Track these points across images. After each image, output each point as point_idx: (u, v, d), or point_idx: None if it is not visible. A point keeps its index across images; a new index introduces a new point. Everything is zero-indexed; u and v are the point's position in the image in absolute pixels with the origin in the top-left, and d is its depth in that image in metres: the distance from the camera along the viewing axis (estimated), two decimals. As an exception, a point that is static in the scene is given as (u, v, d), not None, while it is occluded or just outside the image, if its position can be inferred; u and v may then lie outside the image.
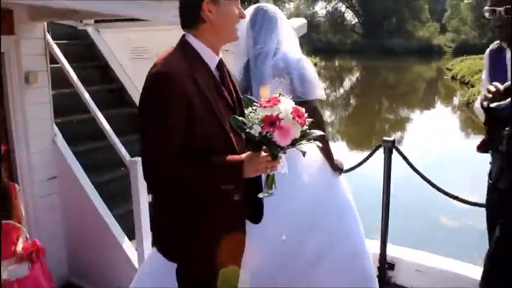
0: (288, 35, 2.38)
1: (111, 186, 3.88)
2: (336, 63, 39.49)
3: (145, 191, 3.06)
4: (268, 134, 1.54)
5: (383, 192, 3.40)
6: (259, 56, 2.29)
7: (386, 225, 3.40)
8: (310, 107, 2.28)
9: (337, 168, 2.43)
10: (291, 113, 1.54)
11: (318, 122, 2.31)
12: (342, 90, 25.50)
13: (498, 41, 2.36)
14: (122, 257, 3.33)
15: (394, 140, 3.33)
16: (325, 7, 51.72)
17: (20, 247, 2.64)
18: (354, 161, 3.60)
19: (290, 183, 2.24)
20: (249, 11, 2.35)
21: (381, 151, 3.37)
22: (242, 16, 1.77)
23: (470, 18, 43.84)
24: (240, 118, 1.60)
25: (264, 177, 1.77)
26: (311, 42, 40.21)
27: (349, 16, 51.56)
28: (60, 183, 3.58)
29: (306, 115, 1.60)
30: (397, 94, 24.19)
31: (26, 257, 2.63)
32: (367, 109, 20.22)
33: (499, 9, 2.18)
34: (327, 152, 2.39)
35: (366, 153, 3.70)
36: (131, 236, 3.32)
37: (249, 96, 1.68)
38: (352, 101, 23.30)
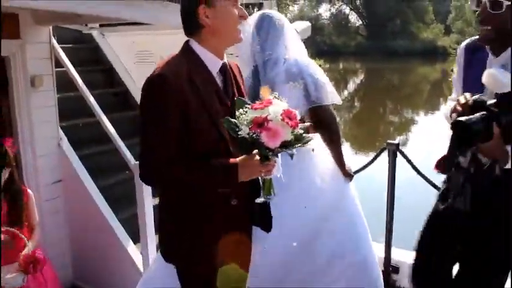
0: (294, 40, 2.38)
1: (116, 190, 3.90)
2: (340, 65, 39.43)
3: (150, 194, 3.08)
4: (255, 135, 1.53)
5: (387, 195, 3.40)
6: (268, 62, 2.28)
7: (391, 228, 3.39)
8: (325, 112, 2.29)
9: (348, 175, 2.43)
10: (281, 114, 1.53)
11: (332, 128, 2.33)
12: (346, 93, 25.44)
13: (476, 37, 2.04)
14: (127, 260, 3.33)
15: (398, 143, 3.32)
16: (329, 9, 51.74)
17: (21, 256, 2.62)
18: (358, 163, 3.59)
19: (303, 189, 2.25)
20: (254, 18, 2.35)
21: (385, 154, 3.37)
22: (243, 17, 1.74)
23: (475, 19, 43.67)
24: (233, 120, 1.59)
25: (261, 182, 1.76)
26: (315, 45, 40.17)
27: (353, 18, 51.57)
28: (65, 186, 3.60)
29: (298, 118, 1.58)
30: (402, 96, 24.14)
31: (22, 268, 2.60)
32: (372, 111, 20.18)
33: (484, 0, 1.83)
34: (339, 159, 2.39)
35: (370, 155, 3.70)
36: (136, 239, 3.33)
37: (241, 98, 1.67)
38: (356, 103, 23.25)
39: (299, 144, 1.59)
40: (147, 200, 3.07)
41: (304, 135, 1.60)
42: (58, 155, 3.56)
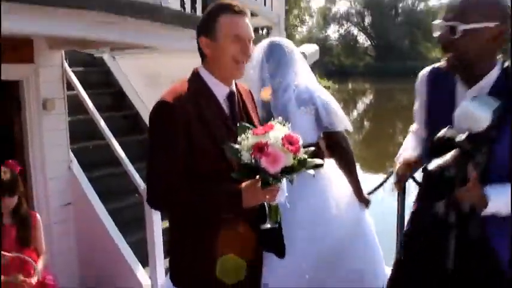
0: (303, 66, 2.40)
1: (125, 213, 3.90)
2: (349, 86, 39.53)
3: (159, 218, 3.07)
4: (255, 161, 1.52)
5: (397, 219, 3.35)
6: (279, 89, 2.30)
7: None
8: (338, 137, 2.29)
9: (365, 201, 2.41)
10: (282, 139, 1.52)
11: (348, 156, 2.33)
12: (355, 113, 25.45)
13: (439, 63, 1.78)
14: (136, 284, 3.32)
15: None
16: (338, 30, 52.16)
17: (33, 280, 2.61)
18: (368, 185, 3.56)
19: (320, 217, 2.23)
20: (263, 45, 2.37)
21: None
22: (246, 54, 1.71)
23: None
24: (235, 146, 1.59)
25: (267, 208, 1.74)
26: (324, 65, 40.35)
27: (362, 39, 51.87)
28: (75, 209, 3.61)
29: (300, 143, 1.55)
30: (411, 116, 24.01)
31: None
32: (381, 132, 20.12)
33: (441, 24, 1.60)
34: (356, 186, 2.38)
35: (380, 176, 3.67)
36: (145, 263, 3.32)
37: (244, 124, 1.66)
38: (365, 123, 23.23)
39: (302, 170, 1.57)
40: (157, 223, 3.08)
41: (308, 160, 1.58)
42: (68, 178, 3.59)
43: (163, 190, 1.66)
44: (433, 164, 1.47)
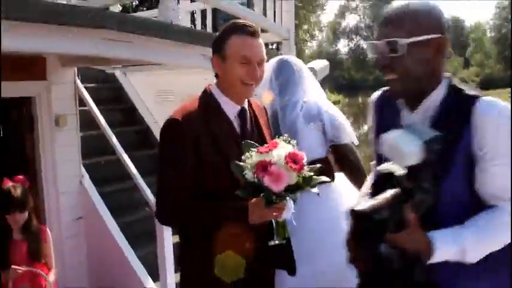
0: (312, 83, 2.41)
1: (135, 227, 3.91)
2: (359, 99, 39.46)
3: (169, 233, 3.08)
4: (258, 179, 1.51)
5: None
6: (288, 106, 2.31)
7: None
8: (345, 150, 2.30)
9: None
10: (285, 157, 1.51)
11: (356, 167, 2.32)
12: (366, 127, 25.38)
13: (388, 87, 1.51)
14: (146, 299, 3.31)
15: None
16: (348, 44, 52.43)
17: None
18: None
19: (330, 231, 2.23)
20: (272, 63, 2.39)
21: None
22: (254, 78, 1.71)
23: (494, 51, 43.81)
24: (241, 164, 1.58)
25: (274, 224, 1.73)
26: (334, 80, 40.47)
27: (372, 53, 51.94)
28: (85, 224, 3.64)
29: (304, 160, 1.54)
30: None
31: None
32: (392, 145, 20.01)
33: (380, 43, 1.39)
34: None
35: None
36: (155, 276, 3.32)
37: (249, 141, 1.66)
38: (376, 137, 23.15)
39: (307, 188, 1.55)
40: (167, 237, 3.08)
41: (313, 177, 1.56)
42: (79, 193, 3.62)
43: (171, 205, 1.68)
44: (362, 205, 1.27)
